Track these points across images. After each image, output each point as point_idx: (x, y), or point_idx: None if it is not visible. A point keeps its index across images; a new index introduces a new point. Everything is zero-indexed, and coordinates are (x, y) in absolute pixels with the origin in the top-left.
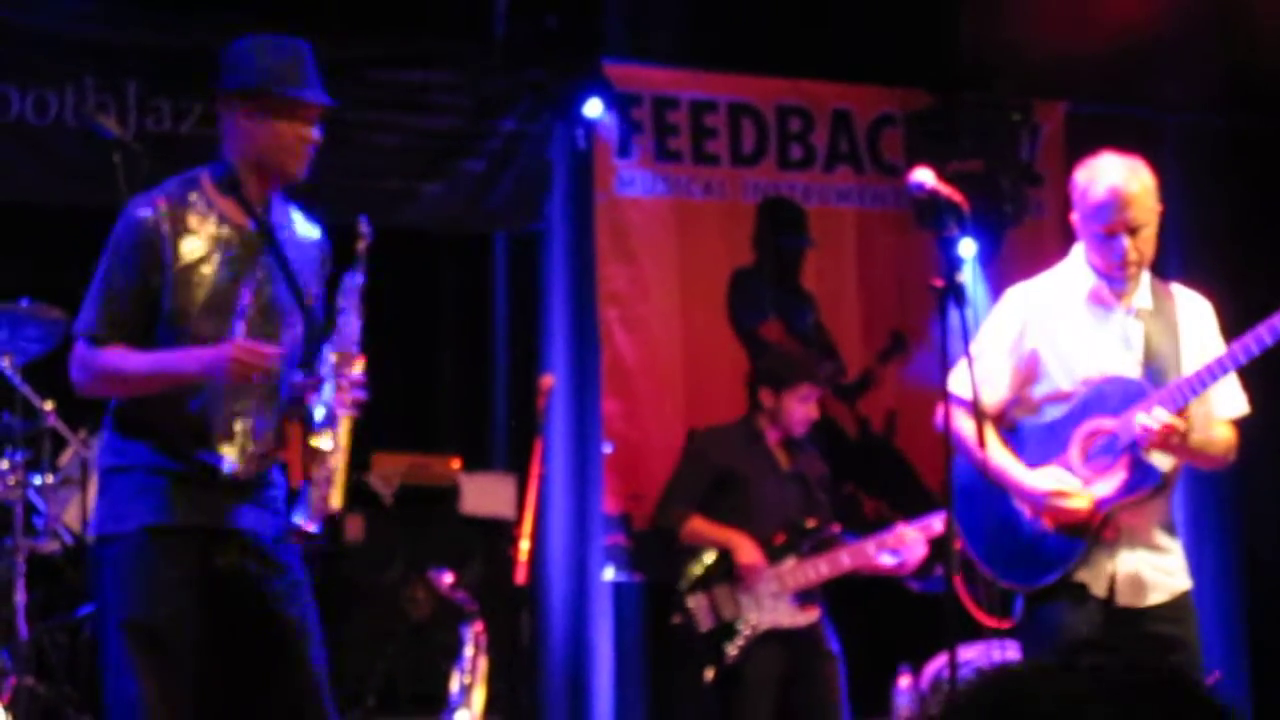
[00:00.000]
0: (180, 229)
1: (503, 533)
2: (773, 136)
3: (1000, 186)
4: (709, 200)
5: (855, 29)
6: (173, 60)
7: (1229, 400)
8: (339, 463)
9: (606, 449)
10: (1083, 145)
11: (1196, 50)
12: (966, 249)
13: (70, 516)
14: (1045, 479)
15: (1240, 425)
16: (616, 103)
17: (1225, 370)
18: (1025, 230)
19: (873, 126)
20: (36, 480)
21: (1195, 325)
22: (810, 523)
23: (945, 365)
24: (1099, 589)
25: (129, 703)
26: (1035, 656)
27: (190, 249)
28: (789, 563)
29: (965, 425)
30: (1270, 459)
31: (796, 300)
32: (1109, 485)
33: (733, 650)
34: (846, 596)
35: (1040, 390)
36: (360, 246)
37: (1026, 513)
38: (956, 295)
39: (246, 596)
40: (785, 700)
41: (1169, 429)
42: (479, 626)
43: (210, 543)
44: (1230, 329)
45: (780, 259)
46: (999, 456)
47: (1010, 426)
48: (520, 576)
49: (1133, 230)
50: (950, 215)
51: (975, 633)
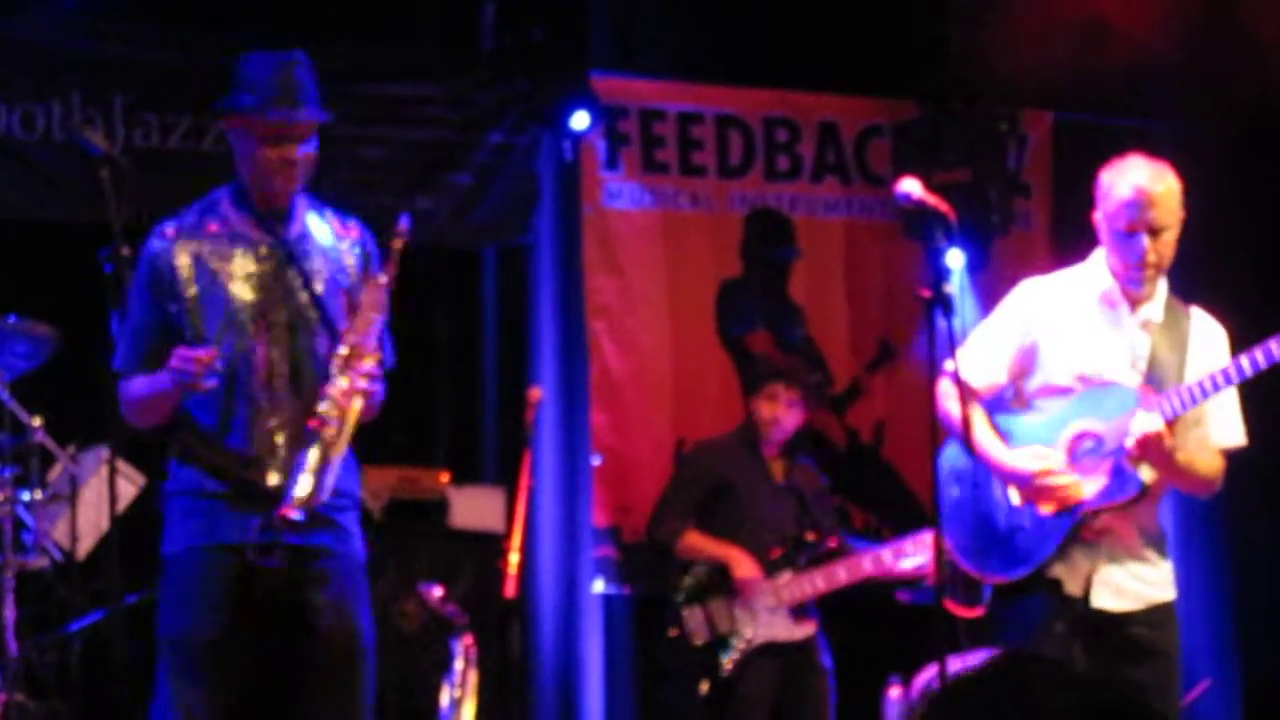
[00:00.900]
0: (193, 254)
1: (492, 546)
2: (760, 148)
3: (987, 197)
4: (696, 212)
5: (842, 40)
6: (160, 75)
7: (1227, 429)
8: (336, 454)
9: (595, 461)
10: (1070, 155)
11: (1184, 59)
12: (954, 259)
13: (59, 532)
14: (1028, 458)
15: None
16: (603, 115)
17: (1219, 386)
18: (1013, 240)
19: (860, 137)
20: (25, 496)
21: (1205, 348)
22: (809, 536)
23: (933, 376)
24: (1074, 588)
25: (175, 715)
26: (1004, 647)
27: (205, 273)
28: (785, 576)
29: (954, 406)
30: (1258, 466)
31: (784, 311)
32: (1090, 488)
33: (728, 664)
34: (837, 608)
35: (1034, 383)
36: (396, 245)
37: (1010, 497)
38: (944, 305)
39: (289, 610)
40: (776, 714)
41: (1154, 437)
42: (469, 640)
43: (255, 557)
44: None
45: (768, 270)
46: (986, 441)
47: (1008, 417)
48: (510, 589)
49: (1154, 231)
50: (937, 226)
51: (962, 644)
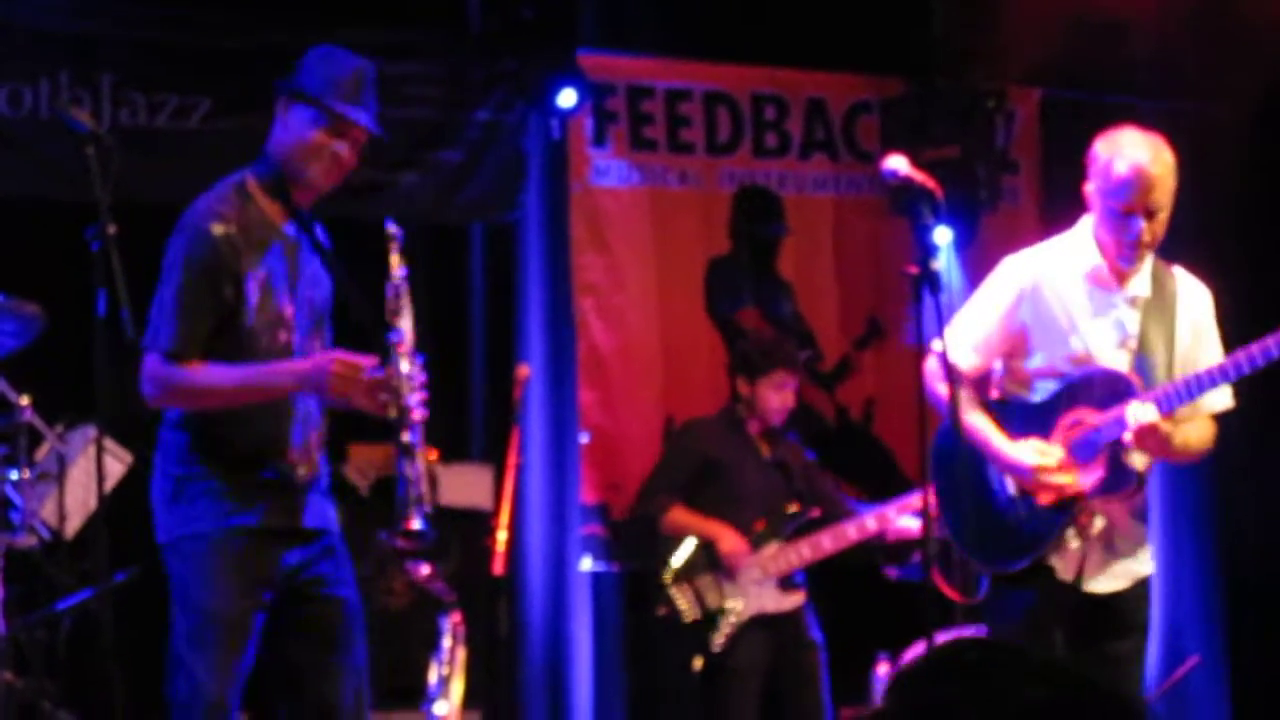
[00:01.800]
0: (248, 241)
1: (480, 523)
2: (748, 125)
3: (975, 173)
4: (685, 189)
5: (829, 17)
6: (147, 53)
7: (1217, 395)
8: (424, 462)
9: (583, 439)
10: (1057, 132)
11: (1171, 36)
12: (942, 236)
13: (47, 511)
14: (1029, 452)
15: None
16: (591, 93)
17: (1219, 381)
18: (1000, 216)
19: (848, 114)
20: (13, 475)
21: (1191, 314)
22: (791, 507)
23: (921, 352)
24: (1066, 573)
25: (194, 691)
26: (1002, 636)
27: (257, 261)
28: (771, 548)
29: (945, 388)
30: (1247, 443)
31: (773, 288)
32: (1086, 481)
33: (719, 639)
34: (825, 584)
35: (1032, 364)
36: (392, 248)
37: (1007, 486)
38: (931, 282)
39: (312, 591)
40: (769, 687)
41: (1150, 428)
42: (457, 617)
43: (283, 542)
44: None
45: (756, 247)
46: (982, 426)
47: (1001, 399)
48: (498, 567)
49: (1150, 213)
50: (925, 202)
51: (951, 619)
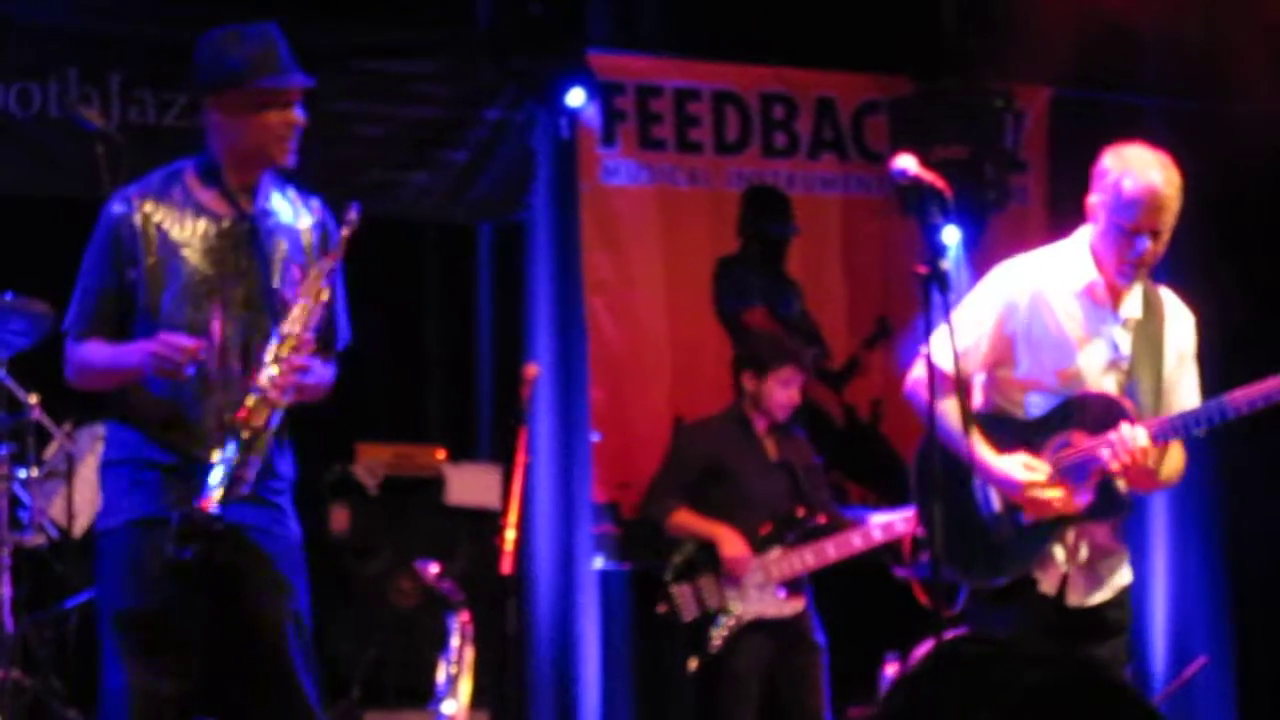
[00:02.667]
0: (155, 222)
1: (488, 523)
2: (756, 124)
3: (984, 173)
4: (693, 188)
5: (838, 16)
6: (156, 52)
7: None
8: (259, 446)
9: (594, 438)
10: (1066, 131)
11: (1181, 34)
12: (950, 236)
13: (55, 510)
14: (1017, 466)
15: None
16: (600, 91)
17: (1215, 422)
18: (1009, 216)
19: (856, 114)
20: (21, 474)
21: (1177, 339)
22: (798, 512)
23: (925, 345)
24: (1048, 587)
25: (116, 694)
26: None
27: (165, 242)
28: (775, 552)
29: (944, 401)
30: (1254, 444)
31: (781, 287)
32: (1077, 502)
33: (717, 640)
34: (834, 584)
35: (1018, 375)
36: (344, 233)
37: (992, 499)
38: (940, 282)
39: (231, 588)
40: (769, 690)
41: (1142, 454)
42: (465, 617)
43: (201, 528)
44: (1208, 317)
45: (765, 246)
46: (964, 438)
47: (990, 413)
48: (506, 566)
49: (1156, 234)
50: (933, 202)
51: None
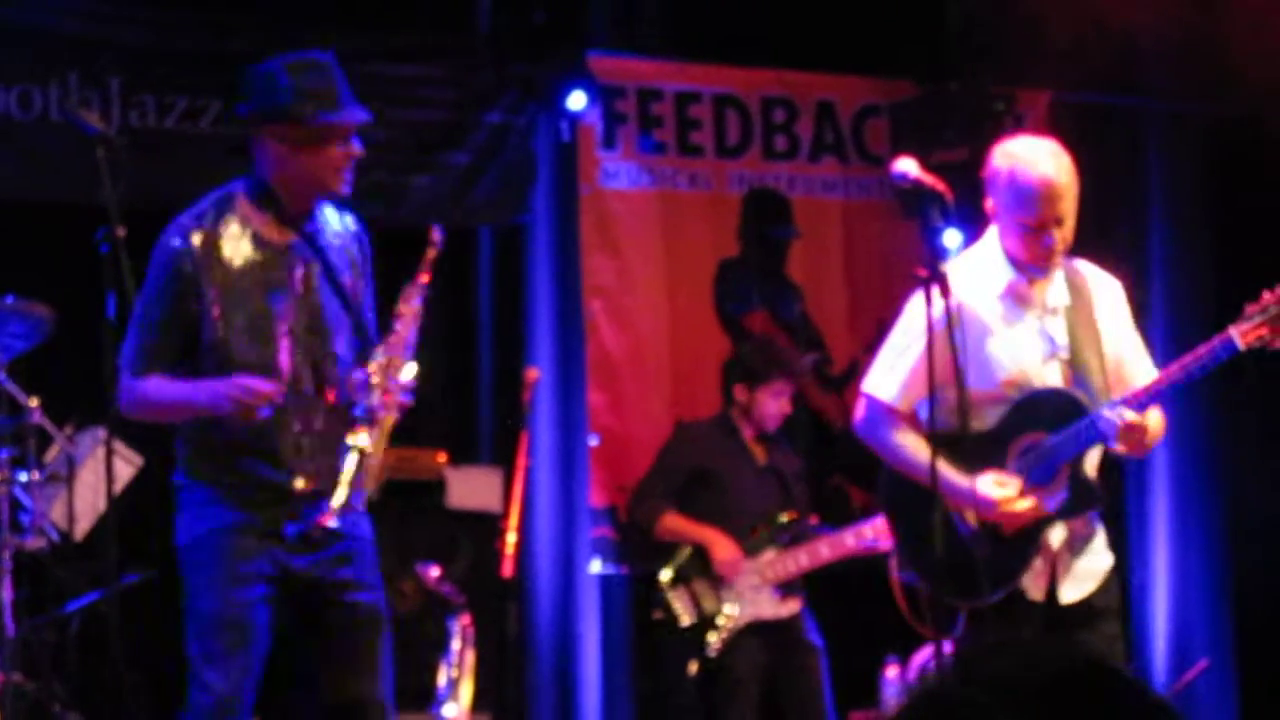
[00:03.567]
0: (215, 255)
1: (489, 526)
2: (757, 127)
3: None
4: (694, 192)
5: (839, 20)
6: (156, 56)
7: (1148, 373)
8: (373, 463)
9: (593, 441)
10: (1068, 134)
11: (1181, 38)
12: (951, 239)
13: (56, 513)
14: (988, 484)
15: (1229, 405)
16: (601, 95)
17: (1185, 379)
18: None
19: (857, 117)
20: (22, 477)
21: (1109, 310)
22: (788, 515)
23: (930, 355)
24: (1037, 593)
25: (207, 693)
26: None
27: (226, 275)
28: (768, 555)
29: (896, 431)
30: (1256, 444)
31: (782, 291)
32: (1049, 503)
33: (715, 644)
34: (833, 588)
35: (966, 389)
36: (430, 254)
37: (969, 520)
38: (941, 285)
39: (331, 595)
40: (768, 692)
41: (1134, 426)
42: (466, 620)
43: (280, 545)
44: (1215, 318)
45: (766, 250)
46: (930, 462)
47: (946, 435)
48: (507, 569)
49: (1060, 222)
50: (934, 205)
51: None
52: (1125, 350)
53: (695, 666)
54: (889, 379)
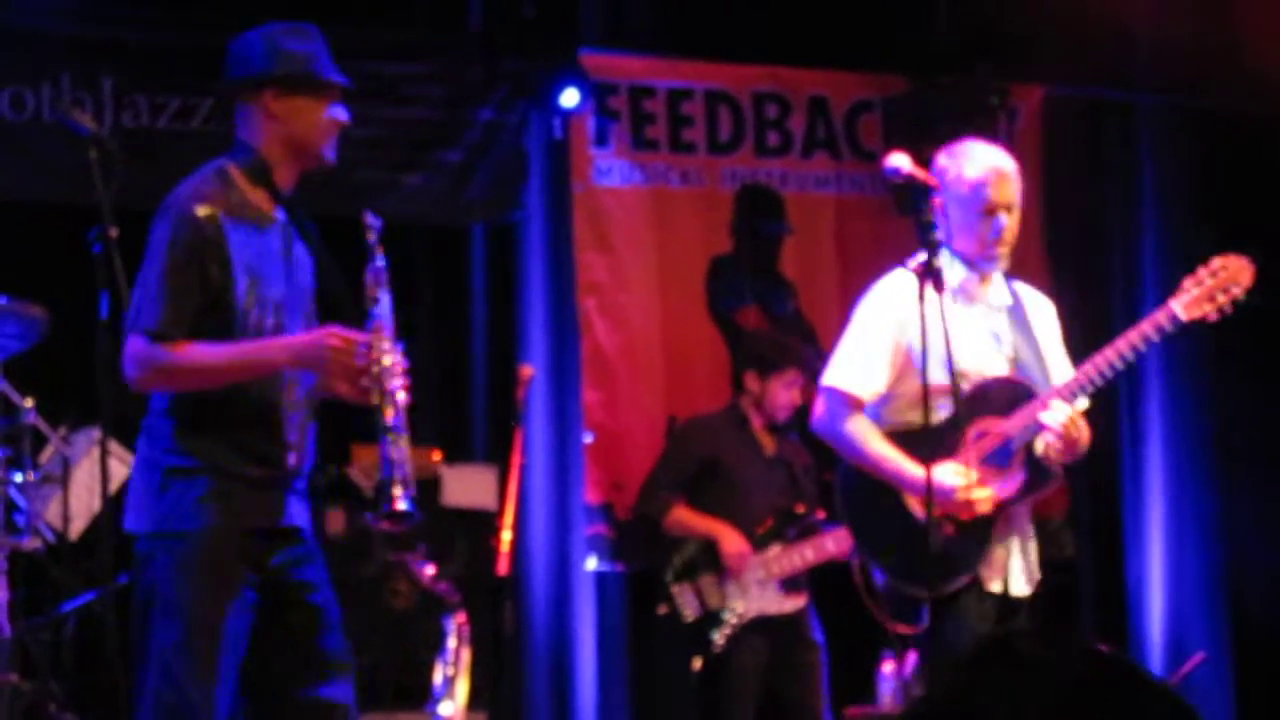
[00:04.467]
0: (233, 222)
1: (484, 524)
2: (749, 124)
3: None
4: (687, 188)
5: (831, 15)
6: (149, 56)
7: (1066, 371)
8: (407, 445)
9: (587, 439)
10: (1060, 128)
11: (1175, 32)
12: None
13: (51, 514)
14: (947, 474)
15: (1224, 406)
16: (593, 92)
17: (1121, 365)
18: None
19: (850, 112)
20: (17, 478)
21: (1044, 325)
22: (798, 508)
23: (923, 350)
24: (995, 585)
25: (182, 701)
26: (945, 660)
27: (243, 243)
28: (774, 549)
29: (857, 424)
30: (1251, 437)
31: (776, 287)
32: (1008, 486)
33: (720, 639)
34: (830, 583)
35: (914, 387)
36: (371, 237)
37: (927, 509)
38: (934, 281)
39: (291, 590)
40: (769, 688)
41: (1072, 423)
42: (461, 618)
43: (265, 542)
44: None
45: (759, 246)
46: (891, 456)
47: (900, 429)
48: (502, 567)
49: (1009, 208)
50: (927, 200)
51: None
52: (1055, 362)
53: (699, 662)
54: (849, 370)
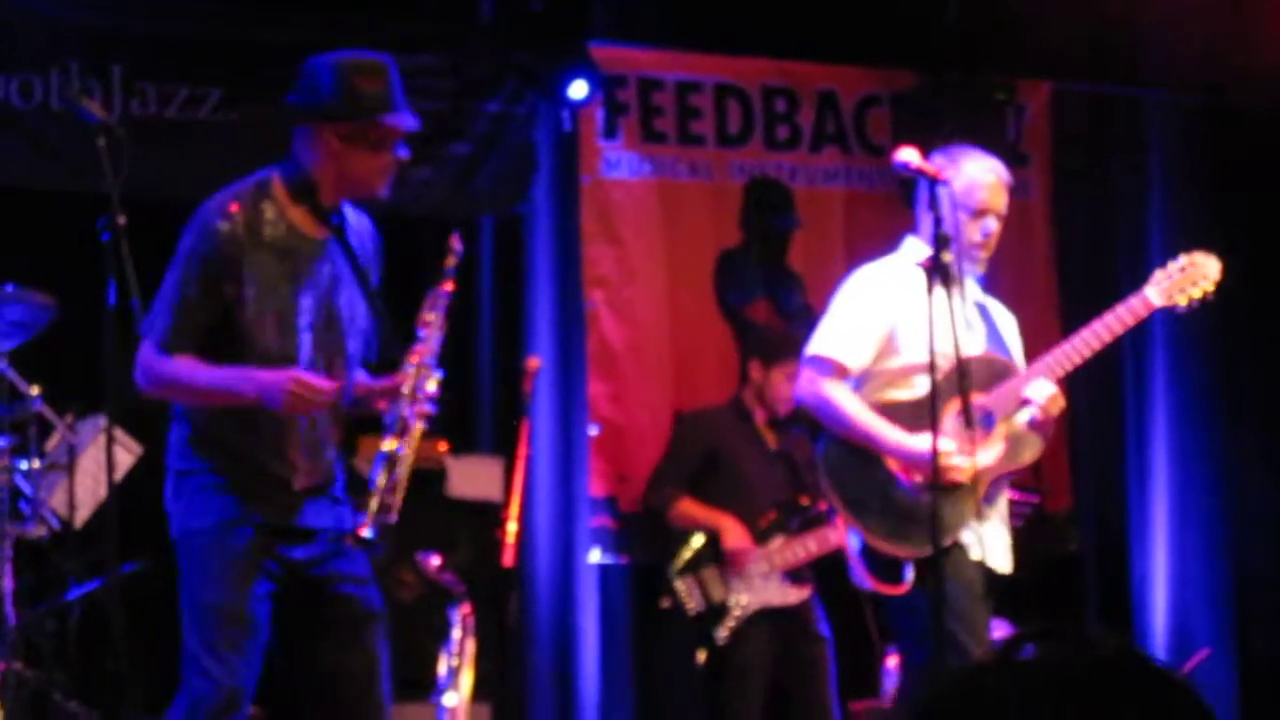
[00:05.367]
0: (255, 240)
1: (490, 515)
2: (759, 117)
3: None
4: (695, 181)
5: (840, 9)
6: (158, 44)
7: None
8: (404, 472)
9: (593, 431)
10: (1068, 124)
11: (1181, 27)
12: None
13: (57, 501)
14: (928, 440)
15: (1229, 399)
16: (602, 84)
17: (1098, 346)
18: (1011, 209)
19: (859, 107)
20: (23, 465)
21: (1008, 330)
22: (802, 500)
23: (930, 345)
24: (976, 552)
25: (207, 681)
26: (936, 621)
27: (264, 261)
28: (777, 541)
29: (840, 390)
30: (1257, 431)
31: (784, 281)
32: (988, 456)
33: (723, 632)
34: (835, 576)
35: (903, 362)
36: (450, 262)
37: (903, 478)
38: (942, 275)
39: (328, 590)
40: (775, 682)
41: (1053, 399)
42: (466, 609)
43: (286, 537)
44: (1216, 307)
45: (767, 239)
46: (875, 423)
47: (882, 404)
48: (507, 559)
49: (998, 216)
50: (936, 194)
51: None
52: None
53: (704, 655)
54: (834, 340)
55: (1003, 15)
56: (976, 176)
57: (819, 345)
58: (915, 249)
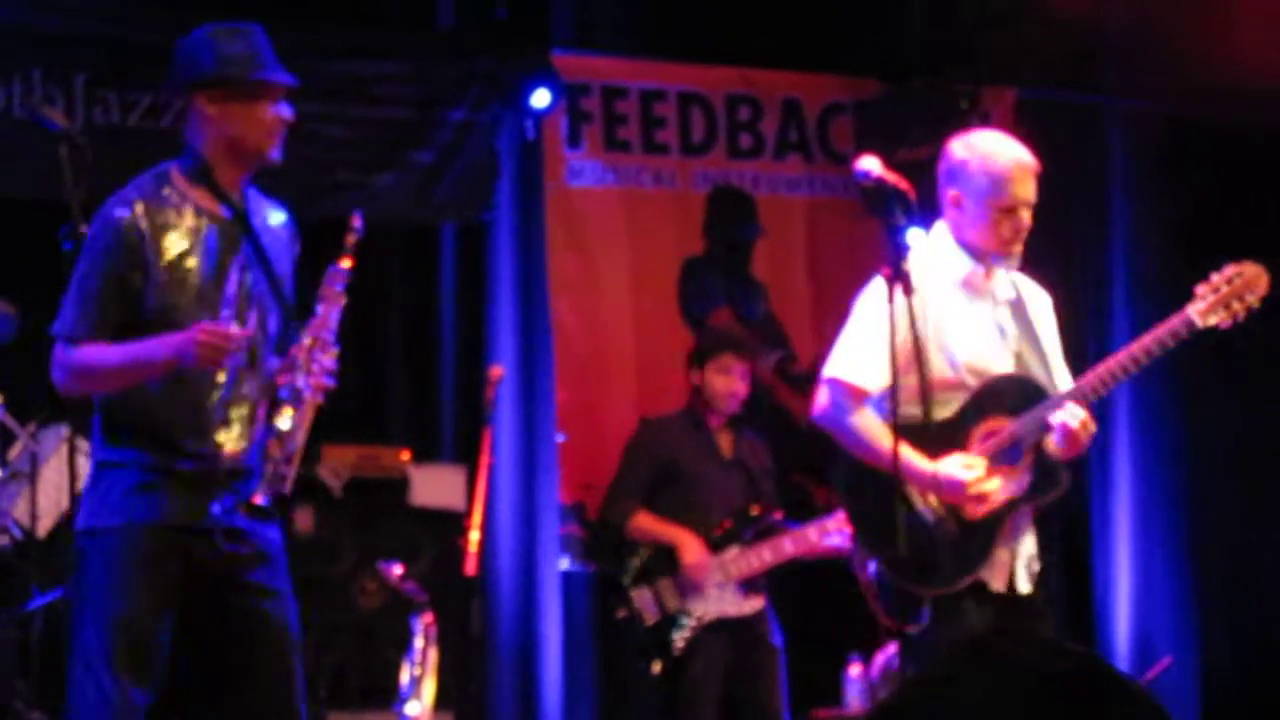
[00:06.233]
0: (159, 225)
1: (452, 524)
2: (722, 125)
3: None
4: (659, 189)
5: (803, 18)
6: (120, 53)
7: (1066, 379)
8: (297, 443)
9: (559, 439)
10: (1032, 131)
11: (1144, 36)
12: (915, 237)
13: (19, 511)
14: (955, 466)
15: (1192, 407)
16: (565, 93)
17: (1134, 370)
18: None
19: (822, 115)
20: None
21: (1044, 317)
22: (754, 510)
23: (893, 353)
24: (999, 584)
25: (101, 696)
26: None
27: (172, 244)
28: (732, 551)
29: (862, 417)
30: (1222, 441)
31: (747, 289)
32: (1013, 485)
33: (679, 642)
34: (796, 586)
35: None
36: (349, 240)
37: (931, 505)
38: (904, 283)
39: (228, 592)
40: (728, 691)
41: (1084, 426)
42: (429, 618)
43: (198, 539)
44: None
45: (730, 248)
46: (894, 445)
47: (904, 423)
48: (470, 567)
49: (1029, 205)
50: (897, 203)
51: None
52: (1054, 356)
53: (659, 666)
54: (853, 362)
55: (967, 23)
56: (1003, 168)
57: (834, 367)
58: (944, 236)
